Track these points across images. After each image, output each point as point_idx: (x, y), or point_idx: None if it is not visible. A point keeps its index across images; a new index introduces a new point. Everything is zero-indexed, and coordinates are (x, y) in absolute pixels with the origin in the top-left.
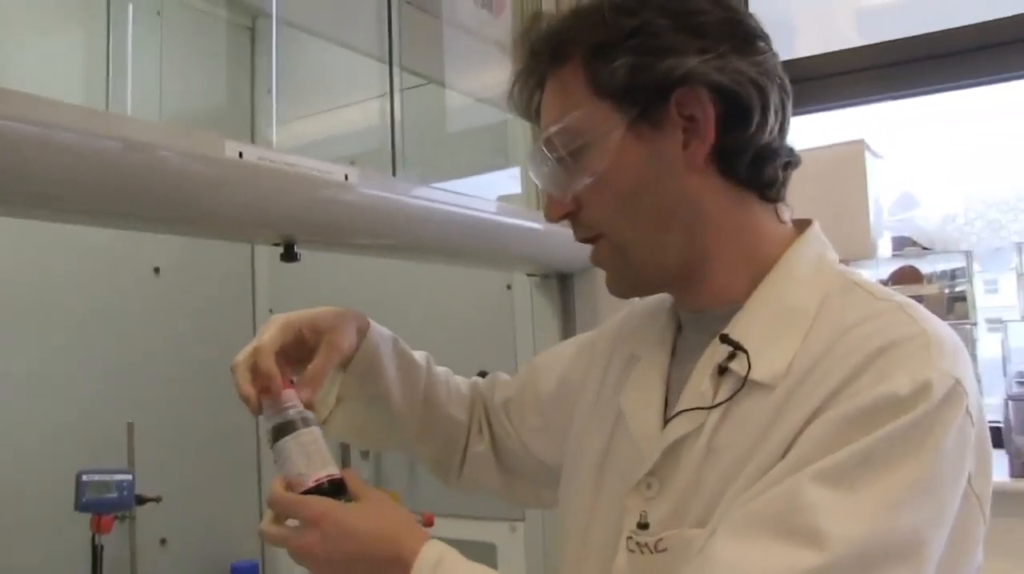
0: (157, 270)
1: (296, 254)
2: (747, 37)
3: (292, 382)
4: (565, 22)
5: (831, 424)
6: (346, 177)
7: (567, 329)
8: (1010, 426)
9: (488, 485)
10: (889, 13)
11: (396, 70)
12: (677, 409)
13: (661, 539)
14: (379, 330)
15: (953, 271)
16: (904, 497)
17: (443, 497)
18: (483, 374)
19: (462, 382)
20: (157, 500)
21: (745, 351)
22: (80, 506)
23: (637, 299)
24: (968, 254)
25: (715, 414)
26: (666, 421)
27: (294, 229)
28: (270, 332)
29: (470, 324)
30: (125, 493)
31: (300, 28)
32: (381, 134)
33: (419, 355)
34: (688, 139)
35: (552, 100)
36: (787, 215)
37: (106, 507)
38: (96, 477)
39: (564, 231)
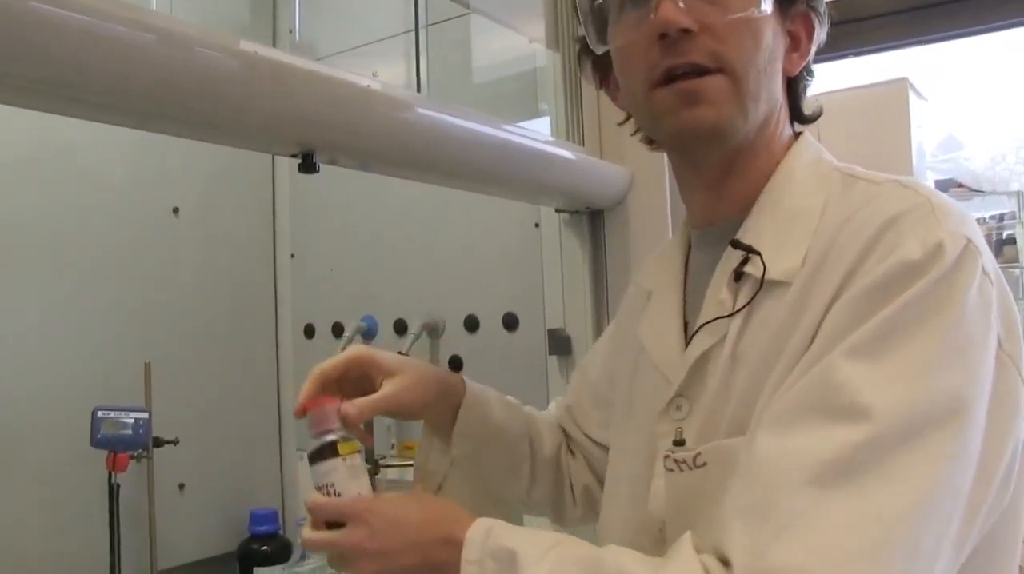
0: (176, 210)
1: (315, 164)
2: None
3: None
4: None
5: (850, 302)
6: (368, 86)
7: (597, 269)
8: None
9: (596, 500)
10: None
11: None
12: (698, 323)
13: (699, 454)
14: (474, 383)
15: (1002, 215)
16: (936, 358)
17: None
18: (512, 316)
19: (546, 412)
20: (175, 442)
21: (758, 253)
22: (95, 442)
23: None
24: (1019, 195)
25: (737, 320)
26: (688, 341)
27: (312, 136)
28: (336, 358)
29: (497, 263)
30: (141, 431)
31: None
32: (406, 72)
33: (511, 399)
34: (791, 47)
35: None
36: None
37: (121, 444)
38: (111, 414)
39: (596, 162)
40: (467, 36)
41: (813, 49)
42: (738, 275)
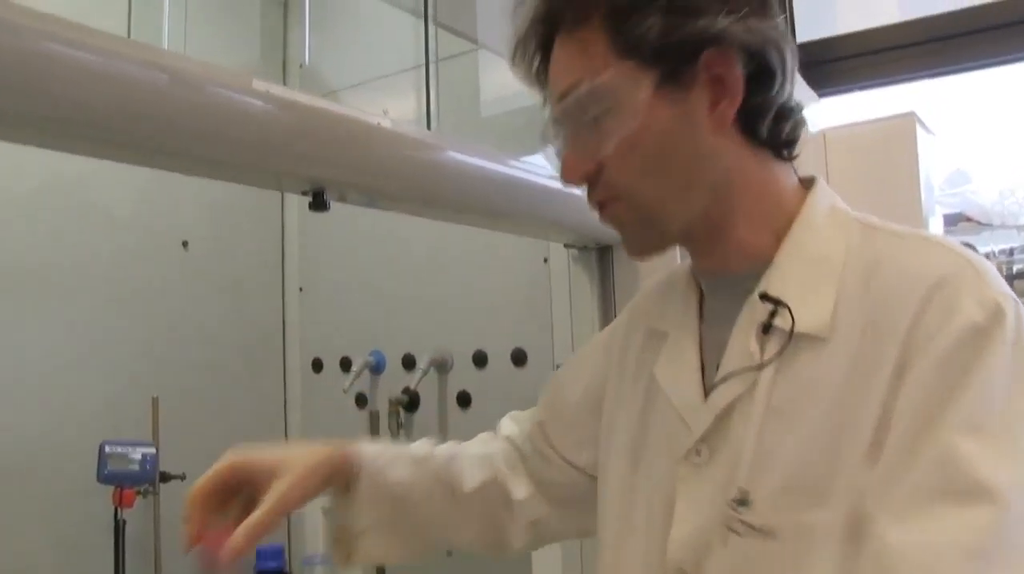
0: (185, 244)
1: (326, 203)
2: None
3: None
4: None
5: (928, 374)
6: (378, 123)
7: (606, 304)
8: None
9: (547, 531)
10: None
11: (432, 27)
12: (723, 372)
13: (770, 524)
14: (370, 448)
15: (1011, 249)
16: None
17: None
18: (521, 351)
19: (477, 442)
20: (181, 478)
21: (786, 306)
22: (102, 477)
23: (649, 281)
24: None
25: (768, 372)
26: (707, 388)
27: (323, 174)
28: (210, 471)
29: (506, 298)
30: (148, 466)
31: None
32: (415, 106)
33: (420, 445)
34: (716, 99)
35: (569, 62)
36: (794, 175)
37: (128, 479)
38: (119, 448)
39: None
40: (476, 69)
41: (739, 78)
42: (766, 327)
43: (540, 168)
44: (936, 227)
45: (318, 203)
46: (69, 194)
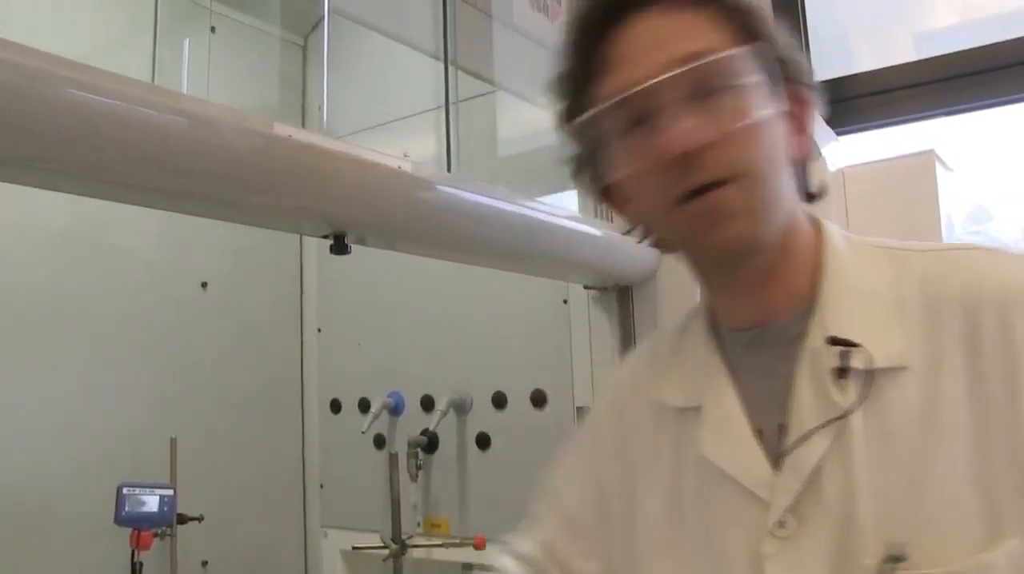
0: (205, 285)
1: (347, 246)
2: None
3: None
4: None
5: None
6: (399, 167)
7: (626, 345)
8: None
9: None
10: (944, 35)
11: (451, 69)
12: (800, 430)
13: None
14: None
15: None
16: None
17: (494, 520)
18: (540, 393)
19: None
20: (199, 519)
21: (858, 345)
22: (119, 519)
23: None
24: None
25: (857, 418)
26: (771, 453)
27: (343, 218)
28: None
29: (526, 340)
30: (166, 508)
31: (354, 20)
32: (434, 148)
33: None
34: (794, 130)
35: (692, 26)
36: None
37: (146, 522)
38: (136, 491)
39: (626, 240)
40: (494, 110)
41: (812, 126)
42: (841, 371)
43: (559, 209)
44: None
45: (339, 247)
46: (89, 236)
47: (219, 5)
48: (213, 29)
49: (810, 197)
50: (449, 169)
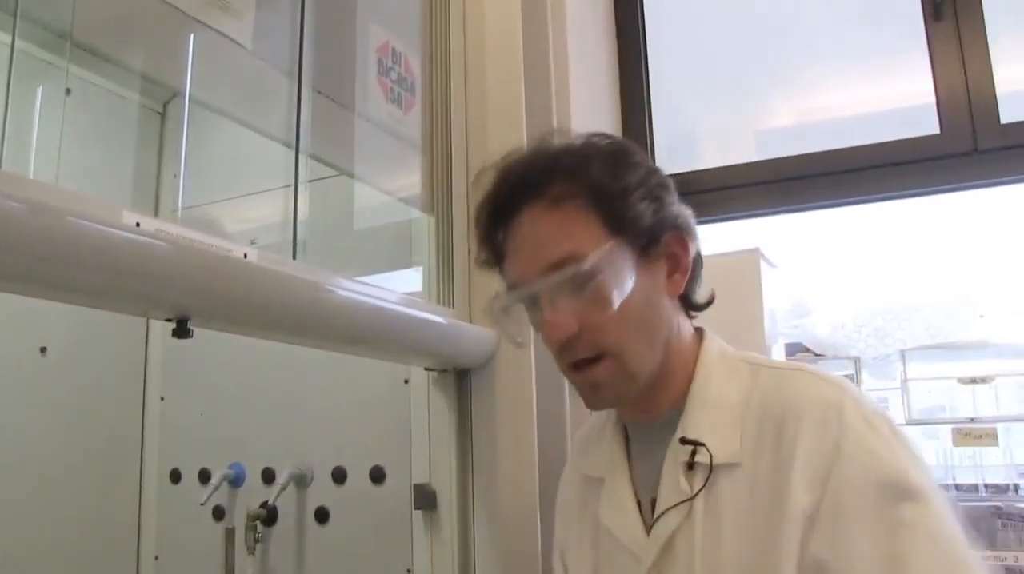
0: (44, 349)
1: (189, 330)
2: (674, 187)
3: None
4: (556, 167)
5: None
6: (245, 255)
7: (463, 425)
8: None
9: None
10: (784, 134)
11: (302, 157)
12: (660, 508)
13: None
14: None
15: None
16: None
17: None
18: (379, 469)
19: None
20: None
21: (703, 445)
22: None
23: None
24: (856, 360)
25: (700, 499)
26: (646, 521)
27: (188, 305)
28: None
29: (367, 417)
30: None
31: (213, 110)
32: (286, 224)
33: None
34: (671, 270)
35: (558, 232)
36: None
37: None
38: None
39: (464, 326)
40: (352, 187)
41: (691, 257)
42: (690, 465)
43: (401, 296)
44: (778, 356)
45: (182, 330)
46: None
47: (75, 67)
48: (68, 91)
49: (695, 309)
50: (295, 256)
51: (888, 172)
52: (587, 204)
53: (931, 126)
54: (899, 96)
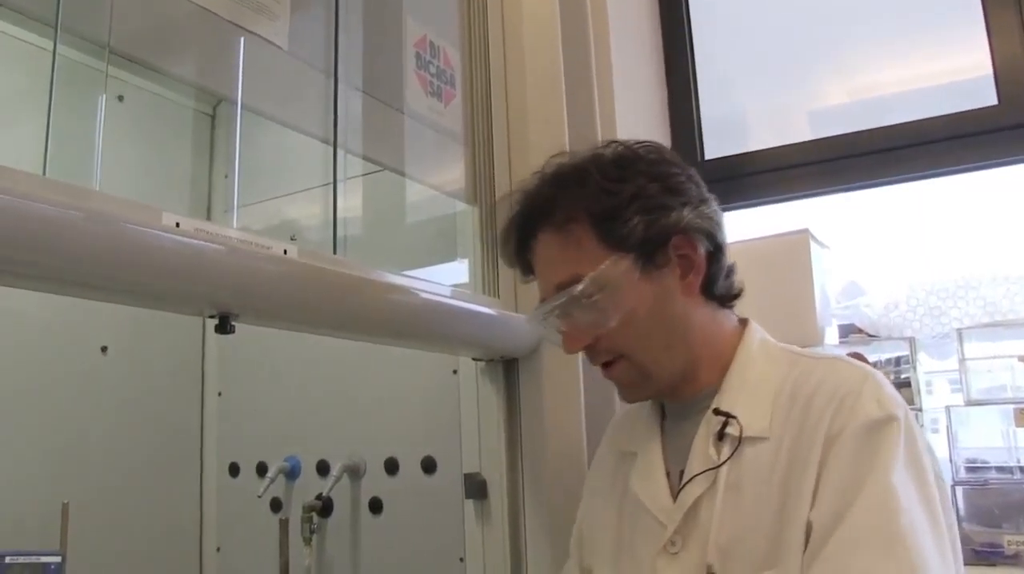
0: (104, 349)
1: (231, 326)
2: (701, 189)
3: None
4: (560, 191)
5: (843, 458)
6: (284, 251)
7: (512, 413)
8: (959, 513)
9: None
10: (838, 113)
11: (340, 154)
12: (688, 475)
13: None
14: None
15: (898, 358)
16: None
17: None
18: (431, 459)
19: None
20: None
21: (734, 417)
22: None
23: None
24: (911, 340)
25: (725, 469)
26: (675, 491)
27: (229, 302)
28: None
29: (417, 408)
30: None
31: (259, 114)
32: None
33: None
34: (684, 272)
35: (563, 254)
36: (734, 317)
37: None
38: (20, 559)
39: (511, 315)
40: (393, 184)
41: (703, 255)
42: (720, 435)
43: (445, 288)
44: (831, 338)
45: (223, 327)
46: None
47: (128, 75)
48: (121, 98)
49: (725, 301)
50: (335, 251)
51: (945, 146)
52: (587, 224)
53: (989, 97)
54: (954, 68)
